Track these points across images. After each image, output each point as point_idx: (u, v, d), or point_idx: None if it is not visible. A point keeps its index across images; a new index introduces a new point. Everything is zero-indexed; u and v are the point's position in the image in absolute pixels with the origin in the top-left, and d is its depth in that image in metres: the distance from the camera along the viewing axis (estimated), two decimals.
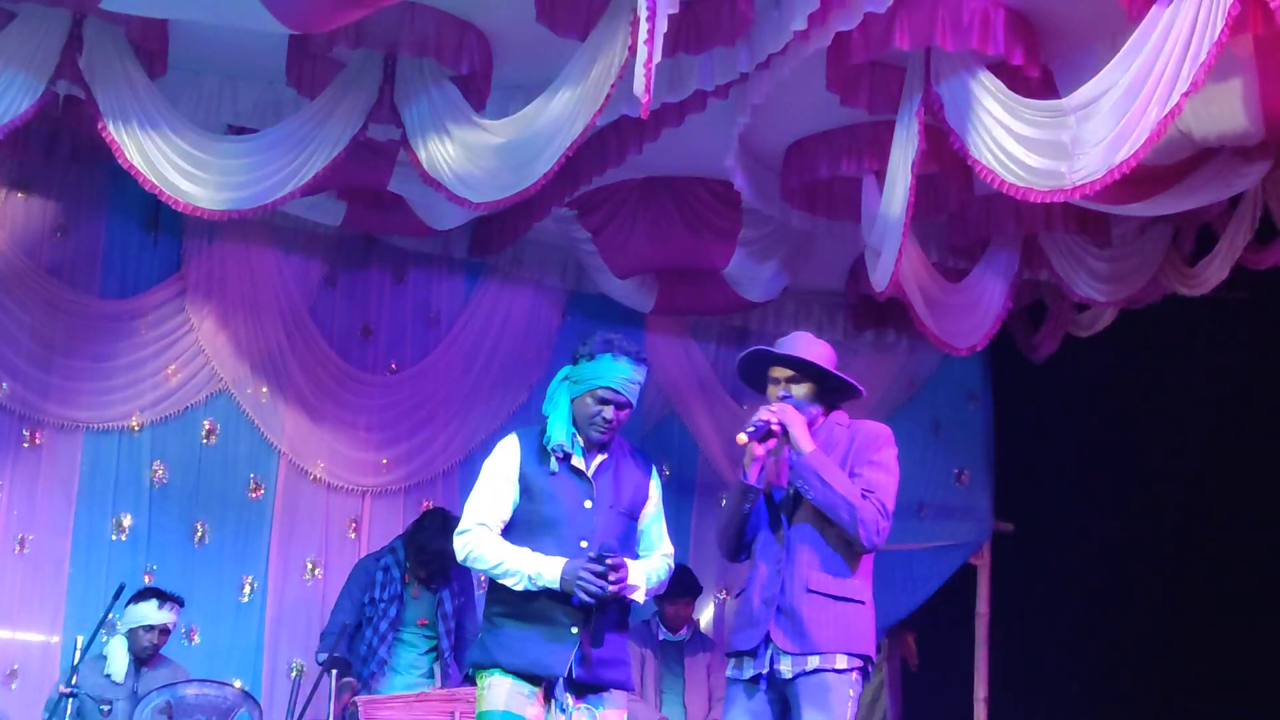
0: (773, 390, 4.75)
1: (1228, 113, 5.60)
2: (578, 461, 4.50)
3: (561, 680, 4.37)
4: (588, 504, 4.46)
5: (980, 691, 8.86)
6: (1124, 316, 7.89)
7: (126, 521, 7.29)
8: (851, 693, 4.51)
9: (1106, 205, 6.19)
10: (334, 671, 6.26)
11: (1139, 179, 5.45)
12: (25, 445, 7.15)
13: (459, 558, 4.52)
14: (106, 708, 6.28)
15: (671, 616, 7.52)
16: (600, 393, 4.47)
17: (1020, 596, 8.82)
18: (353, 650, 6.77)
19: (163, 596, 6.48)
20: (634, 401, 4.54)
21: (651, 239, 7.43)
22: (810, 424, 4.67)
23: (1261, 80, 5.41)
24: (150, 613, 6.43)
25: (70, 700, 6.01)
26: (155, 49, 6.02)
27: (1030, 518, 8.94)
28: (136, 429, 7.37)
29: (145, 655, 6.47)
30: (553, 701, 4.38)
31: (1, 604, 7.02)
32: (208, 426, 7.55)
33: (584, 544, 4.40)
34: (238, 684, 6.79)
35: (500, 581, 4.42)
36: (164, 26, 5.98)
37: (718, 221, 7.34)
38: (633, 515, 4.58)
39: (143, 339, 7.40)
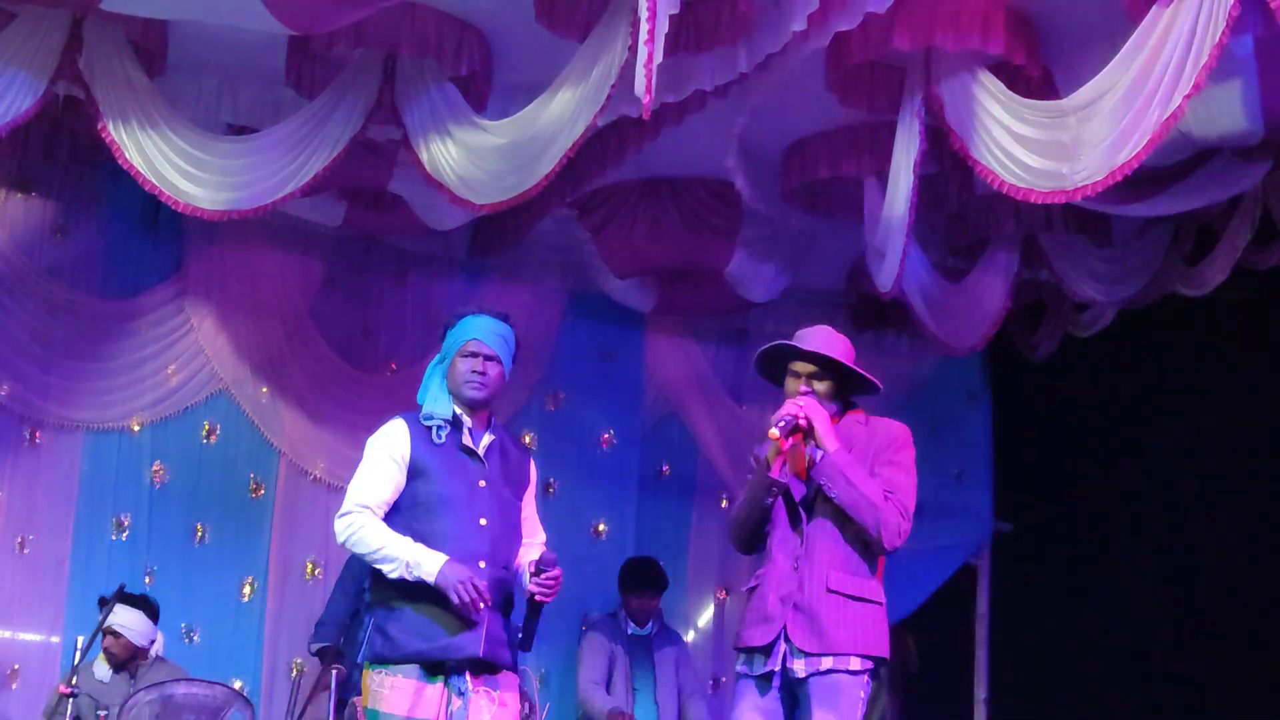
0: (793, 385, 4.64)
1: (1228, 113, 5.60)
2: (468, 441, 4.48)
3: (465, 663, 4.31)
4: (482, 483, 4.45)
5: (980, 692, 8.86)
6: (1124, 316, 7.89)
7: (126, 521, 7.29)
8: (862, 694, 4.47)
9: (1107, 205, 6.19)
10: (323, 660, 6.22)
11: (1139, 179, 5.46)
12: (25, 445, 7.15)
13: (339, 539, 4.43)
14: (104, 713, 6.24)
15: (636, 610, 7.41)
16: (468, 347, 4.47)
17: (1020, 596, 8.82)
18: (350, 639, 6.75)
19: (124, 599, 6.22)
20: (503, 357, 4.49)
21: (651, 239, 7.43)
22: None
23: (1261, 80, 5.41)
24: (110, 617, 6.23)
25: (70, 700, 5.99)
26: (155, 49, 6.03)
27: (1030, 518, 8.93)
28: (136, 429, 7.37)
29: (113, 661, 6.35)
30: (449, 688, 4.31)
31: (1, 604, 7.02)
32: (208, 426, 7.54)
33: (483, 521, 4.39)
34: (238, 684, 6.78)
35: (377, 567, 4.35)
36: (164, 26, 5.99)
37: (718, 221, 7.34)
38: (518, 497, 4.59)
39: (143, 339, 7.39)
